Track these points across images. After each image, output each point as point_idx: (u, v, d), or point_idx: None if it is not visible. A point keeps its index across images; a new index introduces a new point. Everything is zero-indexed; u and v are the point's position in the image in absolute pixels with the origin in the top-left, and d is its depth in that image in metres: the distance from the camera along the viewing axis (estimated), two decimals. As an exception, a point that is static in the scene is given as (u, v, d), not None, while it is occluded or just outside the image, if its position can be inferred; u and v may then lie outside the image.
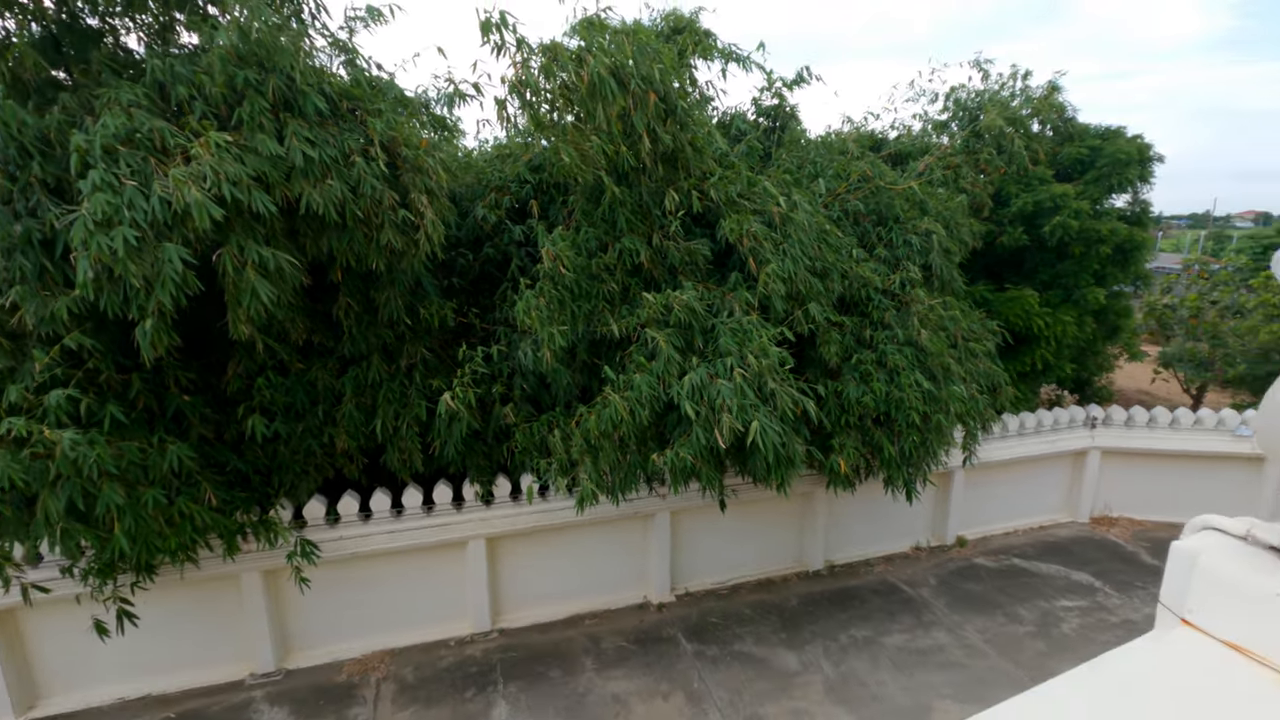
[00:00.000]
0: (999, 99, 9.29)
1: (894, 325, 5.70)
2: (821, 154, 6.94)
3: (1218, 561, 1.28)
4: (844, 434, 5.68)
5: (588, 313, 5.18)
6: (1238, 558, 1.29)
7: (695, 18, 6.74)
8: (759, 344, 4.57)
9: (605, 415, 4.50)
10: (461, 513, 6.17)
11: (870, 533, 7.98)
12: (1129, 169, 9.00)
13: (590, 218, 5.39)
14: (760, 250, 5.12)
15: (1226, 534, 1.35)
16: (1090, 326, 9.52)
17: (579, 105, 5.08)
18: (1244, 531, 1.32)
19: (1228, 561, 1.28)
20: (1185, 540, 1.39)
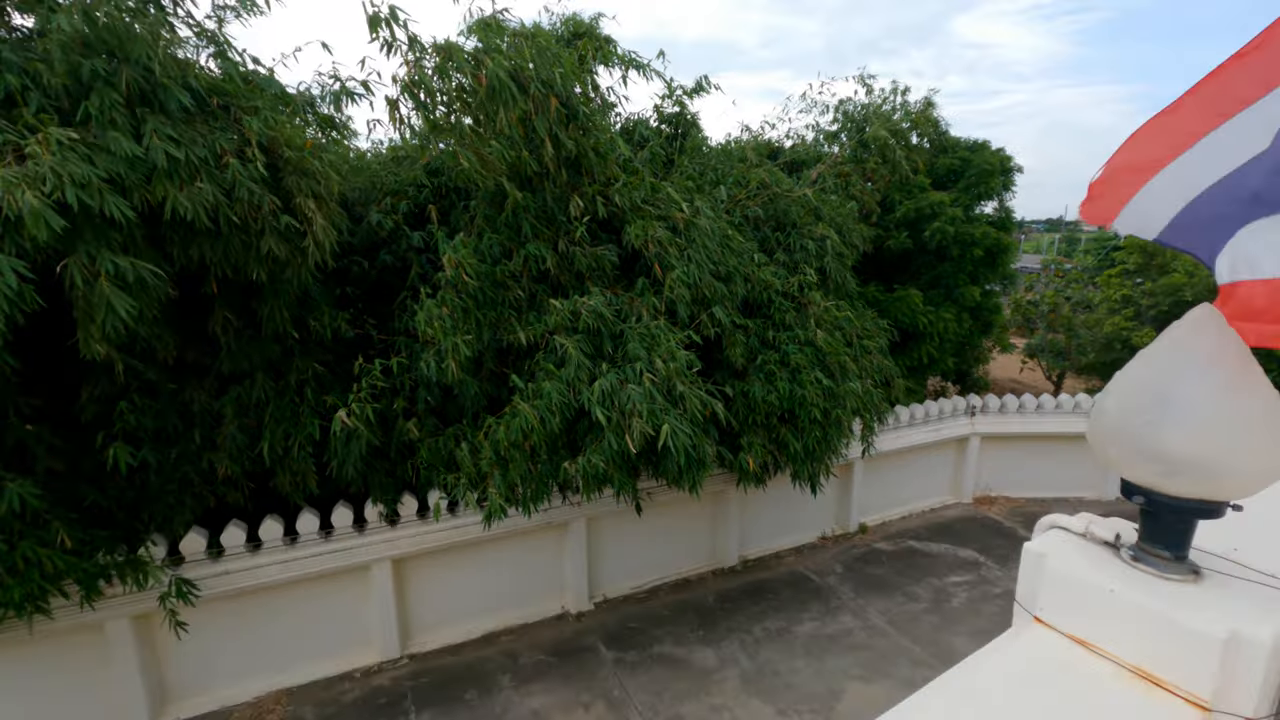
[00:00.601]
0: (882, 112, 9.96)
1: (795, 326, 5.94)
2: (722, 161, 7.14)
3: (1062, 561, 1.38)
4: (752, 433, 5.86)
5: (493, 321, 5.04)
6: (1079, 555, 1.39)
7: (595, 24, 6.75)
8: (667, 348, 4.62)
9: (514, 425, 4.39)
10: (364, 535, 5.82)
11: (781, 526, 8.28)
12: (994, 179, 9.91)
13: (493, 224, 5.26)
14: (665, 255, 5.19)
15: (1070, 532, 1.47)
16: (968, 323, 10.39)
17: (478, 108, 4.95)
18: (1084, 529, 1.44)
19: (1071, 560, 1.38)
20: (1035, 541, 1.48)
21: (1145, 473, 1.24)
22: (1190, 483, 1.18)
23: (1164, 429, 1.18)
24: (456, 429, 5.24)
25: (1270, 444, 1.15)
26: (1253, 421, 1.14)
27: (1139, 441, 1.22)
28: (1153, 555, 1.31)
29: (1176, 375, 1.19)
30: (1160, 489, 1.23)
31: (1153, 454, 1.21)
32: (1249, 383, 1.14)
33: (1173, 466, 1.19)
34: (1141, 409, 1.21)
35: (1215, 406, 1.15)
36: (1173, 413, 1.17)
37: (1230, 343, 1.15)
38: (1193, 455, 1.16)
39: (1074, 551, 1.41)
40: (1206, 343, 1.18)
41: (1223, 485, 1.18)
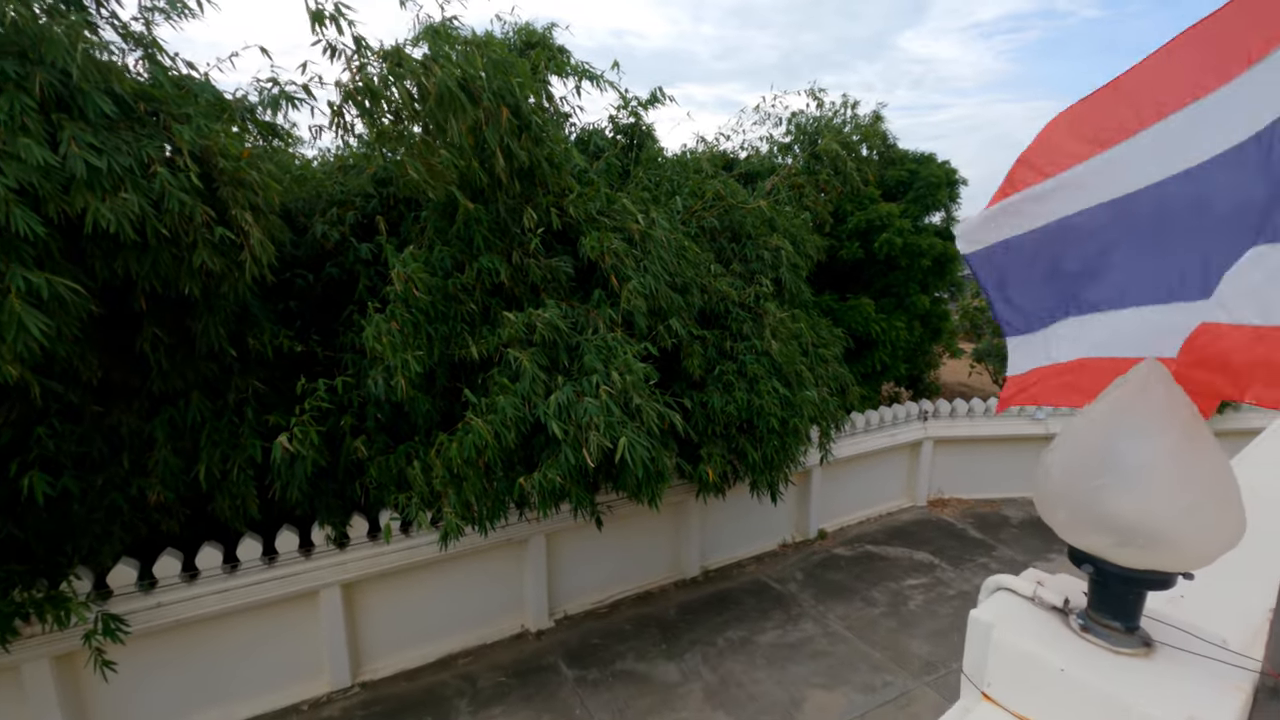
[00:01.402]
0: (833, 125, 10.19)
1: (752, 336, 5.98)
2: (678, 172, 7.17)
3: (1009, 632, 1.30)
4: (711, 443, 5.86)
5: (445, 335, 4.90)
6: (1027, 625, 1.32)
7: (548, 34, 6.70)
8: (623, 360, 4.57)
9: (468, 441, 4.27)
10: (311, 559, 5.57)
11: (742, 535, 8.30)
12: (940, 191, 10.24)
13: (445, 236, 5.13)
14: (622, 267, 5.15)
15: (1017, 595, 1.38)
16: (918, 330, 10.67)
17: (427, 117, 4.83)
18: (1032, 592, 1.36)
19: (1018, 631, 1.30)
20: (981, 607, 1.40)
21: (1093, 542, 1.17)
22: (1140, 553, 1.12)
23: (1112, 496, 1.10)
24: (408, 446, 5.07)
25: (1223, 512, 1.09)
26: (1205, 488, 1.08)
27: (1086, 508, 1.14)
28: (1102, 626, 1.24)
29: (1124, 437, 1.11)
30: (1109, 558, 1.16)
31: (1101, 522, 1.13)
32: (1199, 446, 1.09)
33: (1122, 536, 1.11)
34: (1088, 473, 1.14)
35: (1166, 472, 1.08)
36: (1121, 478, 1.10)
37: (1179, 403, 1.09)
38: (1143, 524, 1.09)
39: (1021, 620, 1.32)
40: (1154, 403, 1.11)
41: (1174, 556, 1.11)
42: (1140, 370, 1.14)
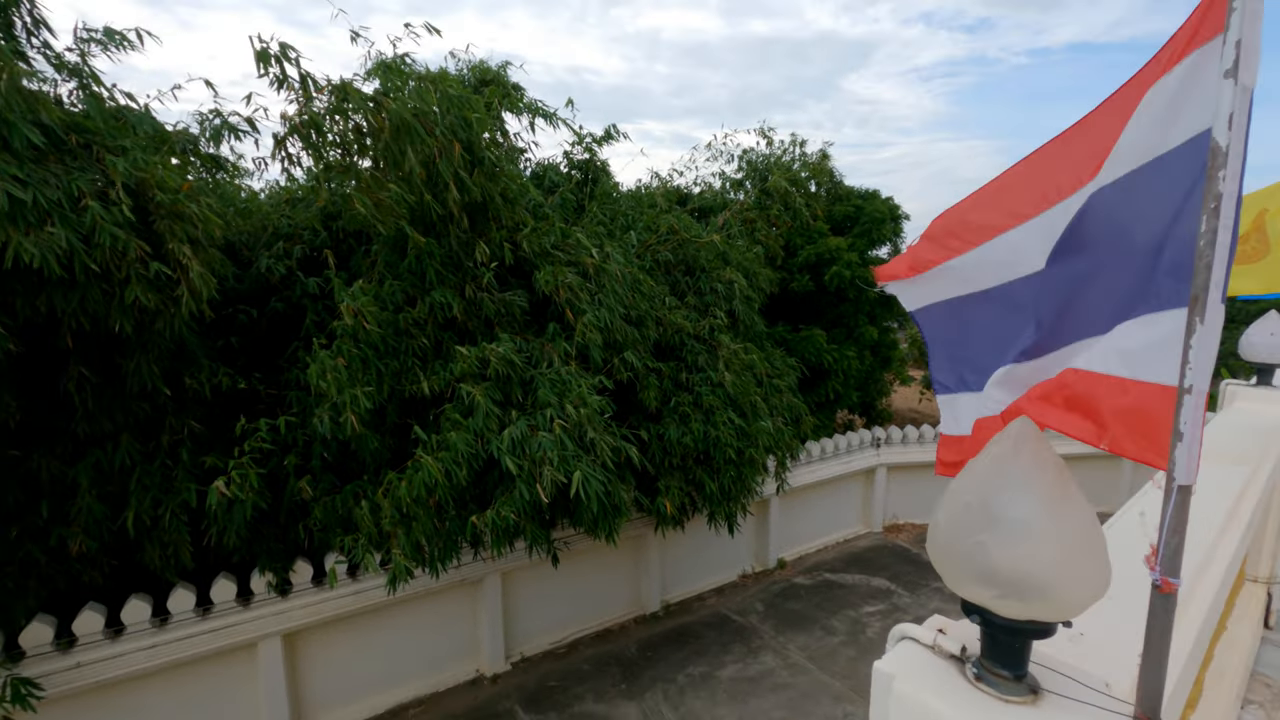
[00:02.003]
0: (783, 163, 10.56)
1: (707, 368, 6.04)
2: (632, 207, 7.28)
3: (908, 683, 1.32)
4: (669, 475, 5.84)
5: (396, 371, 4.80)
6: (926, 676, 1.33)
7: (503, 71, 6.80)
8: (578, 393, 4.55)
9: (418, 480, 4.15)
10: (250, 609, 5.27)
11: (702, 567, 8.25)
12: (885, 225, 10.67)
13: (396, 270, 5.06)
14: (576, 301, 5.16)
15: (919, 644, 1.41)
16: (869, 359, 10.98)
17: (378, 151, 4.81)
18: (932, 641, 1.39)
19: (917, 682, 1.32)
20: (885, 659, 1.41)
21: (978, 594, 1.19)
22: (1019, 605, 1.15)
23: (992, 550, 1.14)
24: (355, 486, 4.90)
25: (1094, 562, 1.14)
26: (1075, 540, 1.13)
27: (969, 563, 1.18)
28: (993, 675, 1.27)
29: (1000, 493, 1.16)
30: (993, 610, 1.19)
31: (983, 576, 1.16)
32: (1067, 501, 1.13)
33: (1003, 589, 1.15)
34: (970, 529, 1.18)
35: (1038, 527, 1.13)
36: (998, 533, 1.14)
37: (1047, 458, 1.15)
38: (1020, 577, 1.13)
39: (920, 671, 1.34)
40: (1026, 459, 1.16)
41: (1050, 606, 1.15)
42: (1013, 427, 1.20)
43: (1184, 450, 1.08)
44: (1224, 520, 2.00)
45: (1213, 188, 0.99)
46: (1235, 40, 0.96)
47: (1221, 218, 0.99)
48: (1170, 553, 1.13)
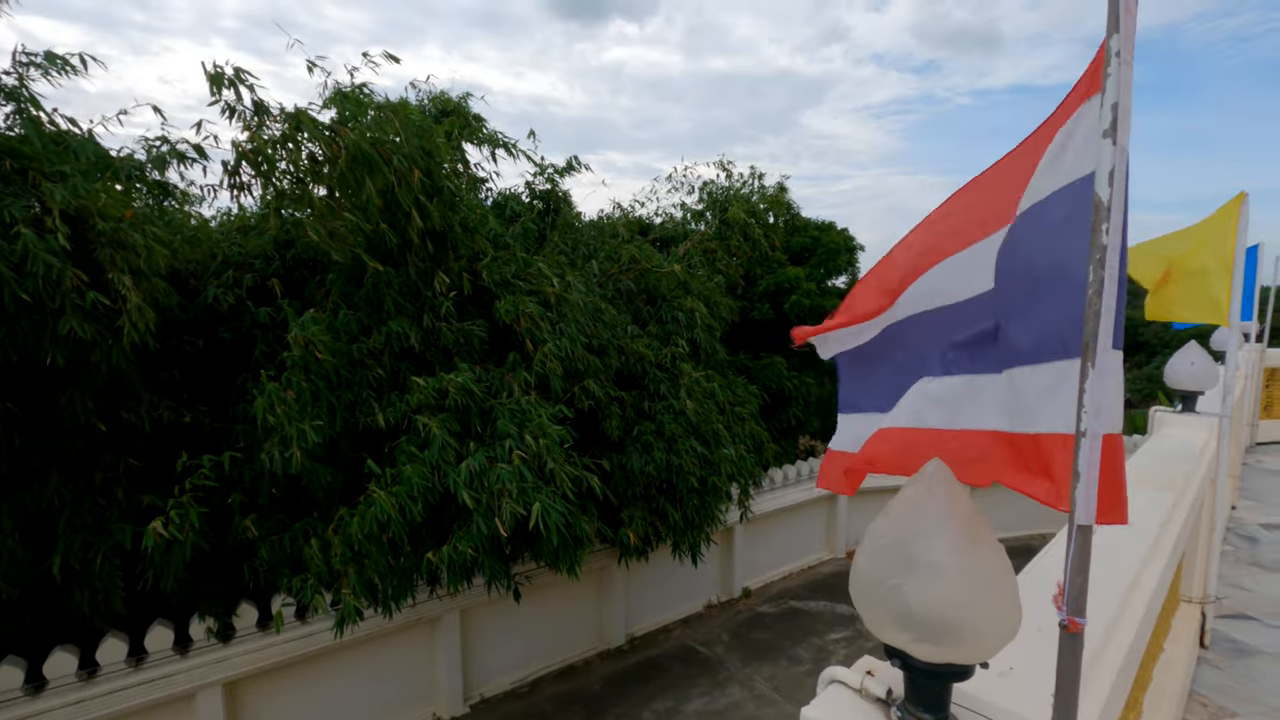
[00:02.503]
0: (742, 195, 10.82)
1: (669, 396, 6.05)
2: (594, 236, 7.34)
3: None
4: (632, 506, 5.79)
5: (350, 403, 4.67)
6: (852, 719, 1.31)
7: (464, 102, 6.83)
8: (538, 423, 4.49)
9: (370, 515, 4.01)
10: (188, 657, 4.96)
11: (667, 598, 8.14)
12: (840, 256, 10.99)
13: (351, 299, 4.97)
14: (537, 330, 5.13)
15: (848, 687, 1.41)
16: (828, 385, 11.17)
17: (334, 179, 4.76)
18: (859, 684, 1.39)
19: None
20: (813, 704, 1.40)
21: (897, 638, 1.18)
22: (935, 649, 1.15)
23: (908, 594, 1.13)
24: (305, 523, 4.70)
25: (1004, 604, 1.14)
26: (988, 582, 1.13)
27: (887, 606, 1.17)
28: (916, 719, 1.26)
29: (915, 536, 1.16)
30: (911, 653, 1.18)
31: (900, 619, 1.16)
32: (980, 541, 1.14)
33: (919, 632, 1.14)
34: (887, 571, 1.17)
35: (953, 570, 1.12)
36: (915, 576, 1.14)
37: (961, 500, 1.16)
38: (934, 620, 1.12)
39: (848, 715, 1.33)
40: (939, 501, 1.16)
41: (965, 650, 1.15)
42: (926, 470, 1.22)
43: (1083, 492, 1.09)
44: (1150, 546, 2.06)
45: (1097, 240, 1.04)
46: (1112, 103, 1.02)
47: (1107, 269, 1.03)
48: (1075, 592, 1.13)
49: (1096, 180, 1.05)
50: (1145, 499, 2.50)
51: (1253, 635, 3.55)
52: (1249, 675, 3.19)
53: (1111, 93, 1.02)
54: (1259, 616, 3.75)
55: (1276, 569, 4.34)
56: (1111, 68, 1.02)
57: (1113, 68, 1.02)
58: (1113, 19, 1.02)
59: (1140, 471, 2.91)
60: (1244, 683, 3.12)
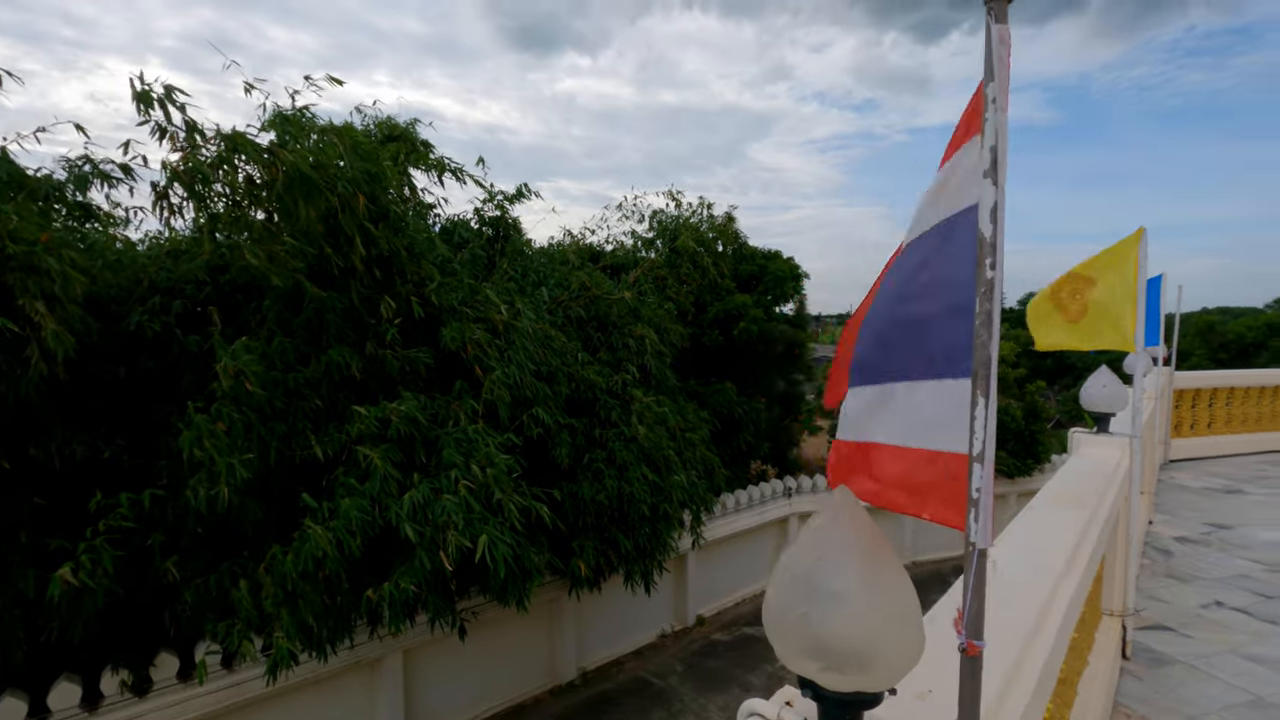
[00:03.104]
0: (691, 224, 11.03)
1: (620, 423, 6.03)
2: (544, 263, 7.32)
3: None
4: (583, 535, 5.70)
5: (285, 434, 4.46)
6: None
7: (412, 128, 6.77)
8: (485, 452, 4.40)
9: (305, 552, 3.81)
10: (97, 715, 4.55)
11: (620, 629, 8.00)
12: (787, 284, 11.30)
13: (289, 326, 4.79)
14: (485, 357, 5.05)
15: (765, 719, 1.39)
16: (778, 410, 11.37)
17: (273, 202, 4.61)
18: (776, 715, 1.37)
19: None
20: None
21: (806, 667, 1.17)
22: (843, 676, 1.14)
23: (814, 623, 1.13)
24: (233, 564, 4.43)
25: (908, 629, 1.15)
26: (890, 608, 1.14)
27: (795, 636, 1.16)
28: None
29: (821, 565, 1.16)
30: (821, 682, 1.17)
31: (808, 649, 1.15)
32: (884, 568, 1.15)
33: (827, 661, 1.13)
34: (795, 601, 1.17)
35: (857, 598, 1.12)
36: (819, 606, 1.13)
37: (865, 527, 1.18)
38: (840, 649, 1.12)
39: None
40: (843, 531, 1.17)
41: (871, 677, 1.15)
42: (836, 496, 1.23)
43: (979, 515, 1.11)
44: (1065, 563, 2.15)
45: (983, 274, 1.09)
46: (990, 145, 1.08)
47: (994, 301, 1.09)
48: (974, 616, 1.14)
49: (980, 217, 1.10)
50: (1061, 517, 2.61)
51: (1169, 645, 3.73)
52: (1167, 685, 3.34)
53: (990, 136, 1.08)
54: (1175, 627, 3.95)
55: (1189, 580, 4.60)
56: (989, 113, 1.08)
57: (990, 113, 1.08)
58: (989, 68, 1.08)
59: (1059, 491, 3.05)
60: (1163, 692, 3.27)
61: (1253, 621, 4.00)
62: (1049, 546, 2.28)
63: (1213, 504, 6.38)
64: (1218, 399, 8.66)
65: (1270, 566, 4.82)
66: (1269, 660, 3.55)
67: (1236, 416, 8.77)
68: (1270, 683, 3.34)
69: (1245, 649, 3.68)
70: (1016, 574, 2.05)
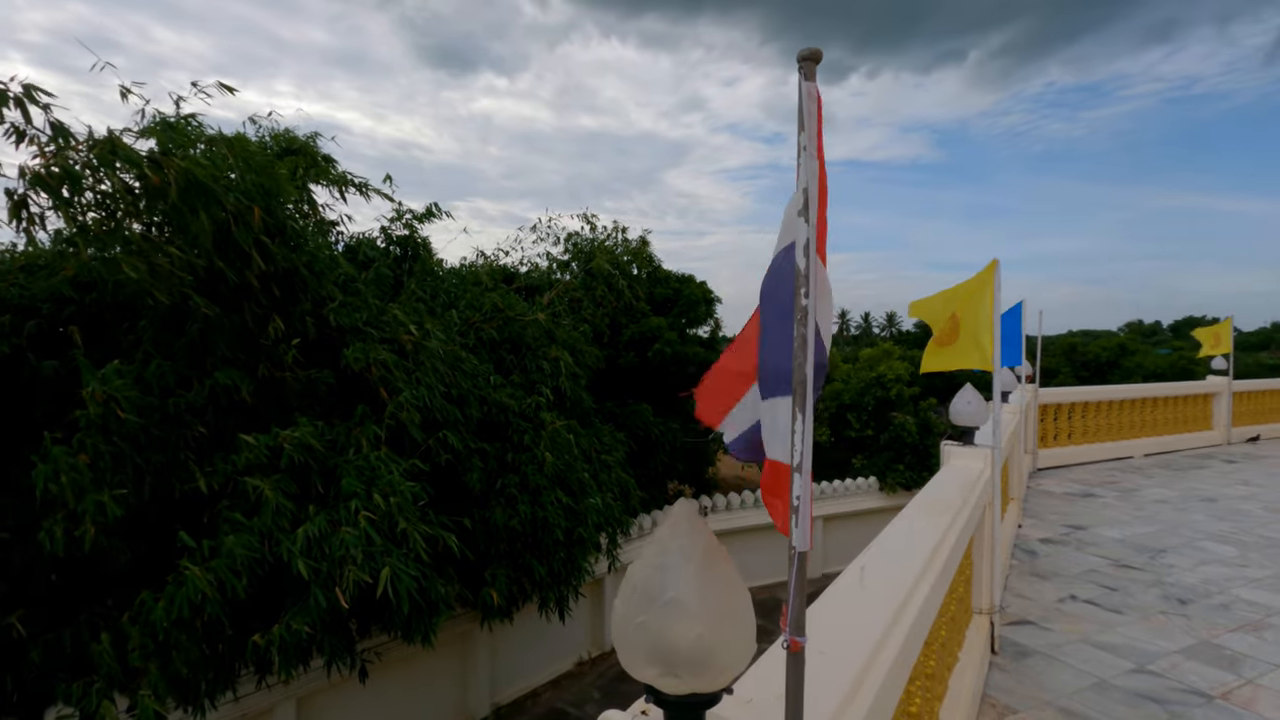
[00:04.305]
0: (606, 247, 11.16)
1: (533, 446, 5.93)
2: (455, 284, 7.16)
3: None
4: (495, 564, 5.53)
5: (162, 466, 4.08)
6: None
7: (312, 141, 6.48)
8: (388, 480, 4.20)
9: (180, 596, 3.46)
10: (-86, 802, 3.90)
11: (536, 659, 7.78)
12: (700, 307, 11.63)
13: (169, 348, 4.40)
14: (391, 379, 4.85)
15: None
16: (693, 430, 11.57)
17: (155, 214, 4.27)
18: None
19: None
20: None
21: (647, 674, 1.19)
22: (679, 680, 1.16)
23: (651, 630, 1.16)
24: (94, 614, 3.96)
25: (739, 631, 1.19)
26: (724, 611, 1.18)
27: (635, 644, 1.19)
28: None
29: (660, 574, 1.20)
30: (661, 688, 1.19)
31: (647, 655, 1.18)
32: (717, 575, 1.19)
33: (664, 666, 1.16)
34: (635, 611, 1.19)
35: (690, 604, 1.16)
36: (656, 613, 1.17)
37: (701, 536, 1.22)
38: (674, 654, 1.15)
39: None
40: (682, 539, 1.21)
41: (704, 678, 1.17)
42: (675, 508, 1.28)
43: (798, 521, 1.18)
44: (924, 565, 2.33)
45: (799, 302, 1.20)
46: (803, 188, 1.19)
47: (809, 327, 1.19)
48: (796, 614, 1.20)
49: (796, 251, 1.20)
50: (925, 523, 2.82)
51: (1031, 638, 4.08)
52: (1028, 674, 3.65)
53: (803, 179, 1.19)
54: (1036, 620, 4.33)
55: (1049, 577, 5.07)
56: (802, 159, 1.18)
57: (802, 159, 1.18)
58: (800, 120, 1.19)
59: (927, 499, 3.29)
60: (1025, 682, 3.57)
61: (1100, 612, 4.44)
62: (913, 550, 2.45)
63: (1071, 507, 7.08)
64: (1076, 412, 9.66)
65: (1115, 562, 5.39)
66: (1112, 646, 3.95)
67: (1092, 428, 9.81)
68: (1113, 667, 3.71)
69: (1094, 638, 4.08)
70: (881, 577, 2.18)
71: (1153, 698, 3.39)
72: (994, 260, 3.81)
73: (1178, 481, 8.31)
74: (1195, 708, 3.29)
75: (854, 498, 12.26)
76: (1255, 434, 11.08)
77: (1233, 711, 3.25)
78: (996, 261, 3.81)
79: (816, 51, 1.20)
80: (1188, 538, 5.96)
